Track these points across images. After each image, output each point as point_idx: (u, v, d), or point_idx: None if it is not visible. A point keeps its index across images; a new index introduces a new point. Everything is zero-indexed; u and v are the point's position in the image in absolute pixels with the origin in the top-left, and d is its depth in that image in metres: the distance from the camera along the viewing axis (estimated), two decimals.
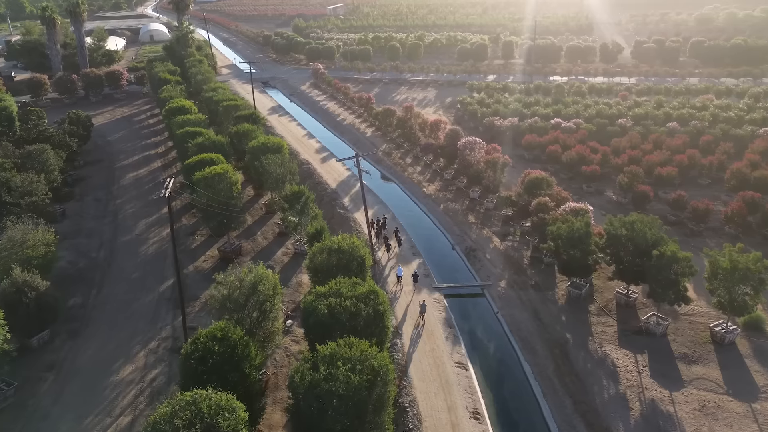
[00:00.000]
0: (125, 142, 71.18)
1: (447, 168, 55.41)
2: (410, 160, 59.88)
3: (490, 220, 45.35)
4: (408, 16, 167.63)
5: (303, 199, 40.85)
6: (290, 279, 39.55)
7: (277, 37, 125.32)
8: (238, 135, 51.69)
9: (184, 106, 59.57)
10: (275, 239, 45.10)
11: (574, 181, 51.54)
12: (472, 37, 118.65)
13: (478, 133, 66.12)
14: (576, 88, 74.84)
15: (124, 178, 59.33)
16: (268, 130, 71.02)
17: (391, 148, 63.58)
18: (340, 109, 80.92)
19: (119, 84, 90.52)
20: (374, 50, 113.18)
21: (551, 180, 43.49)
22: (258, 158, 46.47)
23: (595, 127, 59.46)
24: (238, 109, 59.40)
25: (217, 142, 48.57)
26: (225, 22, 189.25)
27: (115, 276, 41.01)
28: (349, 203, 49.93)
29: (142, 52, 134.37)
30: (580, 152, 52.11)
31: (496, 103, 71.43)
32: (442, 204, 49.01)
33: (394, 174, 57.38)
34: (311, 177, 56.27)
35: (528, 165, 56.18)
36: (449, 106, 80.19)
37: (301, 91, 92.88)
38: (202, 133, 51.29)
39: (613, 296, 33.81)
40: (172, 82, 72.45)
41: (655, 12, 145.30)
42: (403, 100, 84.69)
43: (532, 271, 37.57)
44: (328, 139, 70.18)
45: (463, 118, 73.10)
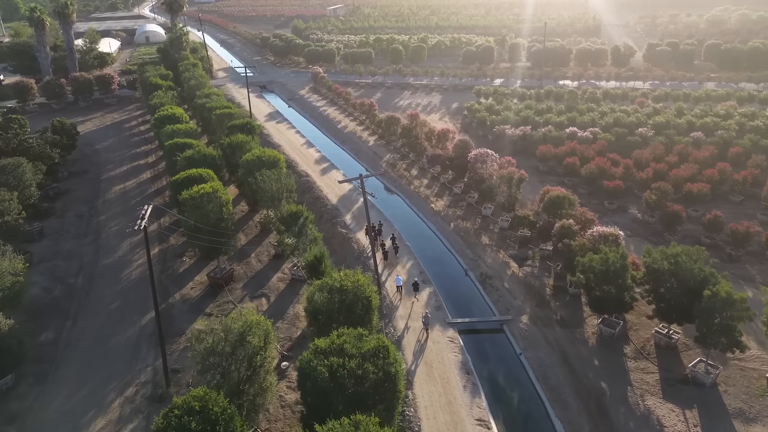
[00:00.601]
0: (114, 150, 67.29)
1: (456, 181, 51.54)
2: (416, 171, 55.98)
3: (506, 242, 41.43)
4: (410, 17, 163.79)
5: (301, 221, 37.01)
6: (286, 310, 35.66)
7: (276, 39, 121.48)
8: (232, 147, 47.79)
9: (174, 115, 55.67)
10: (270, 262, 41.22)
11: (594, 196, 47.66)
12: (477, 39, 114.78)
13: (487, 142, 62.38)
14: (590, 94, 70.96)
15: (110, 191, 55.43)
16: (265, 138, 67.16)
17: (395, 158, 59.69)
18: (341, 115, 77.04)
19: (110, 88, 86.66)
20: (376, 53, 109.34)
21: (573, 198, 39.60)
22: (252, 174, 42.55)
23: (613, 137, 55.59)
24: (232, 117, 55.50)
25: (208, 156, 44.68)
26: (222, 23, 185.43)
27: (92, 306, 37.08)
28: (352, 221, 46.02)
29: (137, 54, 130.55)
30: (601, 165, 48.25)
31: (506, 110, 67.53)
32: (452, 222, 45.10)
33: (399, 187, 53.48)
34: (310, 191, 52.37)
35: (542, 177, 52.42)
36: (455, 112, 76.31)
37: (300, 96, 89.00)
38: (192, 145, 47.41)
39: (651, 336, 29.91)
40: (164, 88, 68.56)
41: (663, 13, 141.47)
42: (406, 105, 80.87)
43: (557, 304, 33.66)
44: (329, 148, 66.29)
45: (470, 125, 69.23)
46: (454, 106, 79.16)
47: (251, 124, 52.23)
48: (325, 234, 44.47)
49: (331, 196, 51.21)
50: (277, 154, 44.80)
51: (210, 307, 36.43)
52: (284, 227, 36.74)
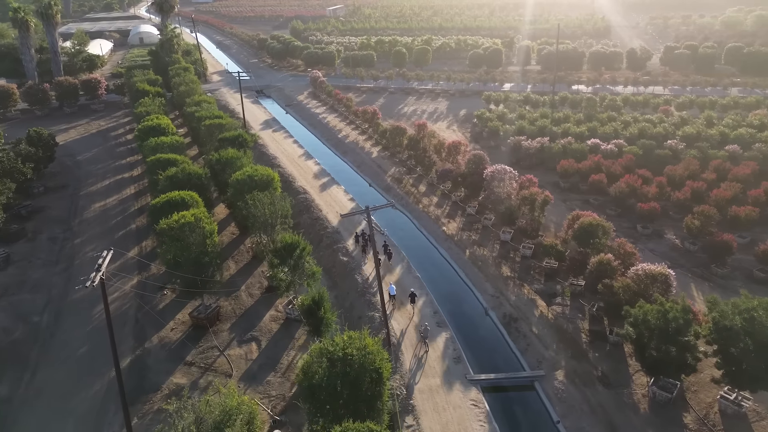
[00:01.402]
0: (96, 162, 62.33)
1: (469, 200, 46.66)
2: (424, 187, 51.08)
3: (530, 274, 36.54)
4: (412, 18, 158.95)
5: (297, 253, 32.16)
6: (279, 358, 30.77)
7: (273, 41, 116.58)
8: (221, 163, 42.90)
9: (159, 126, 50.76)
10: (263, 296, 36.34)
11: (624, 218, 42.79)
12: (483, 41, 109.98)
13: (499, 154, 57.55)
14: (609, 101, 66.05)
15: (90, 209, 50.49)
16: (260, 149, 62.27)
17: (401, 172, 54.79)
18: (342, 123, 72.13)
19: (96, 93, 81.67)
20: (378, 55, 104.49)
21: (608, 226, 34.71)
22: (242, 195, 37.68)
23: (641, 151, 50.72)
24: (222, 129, 50.58)
25: (193, 175, 39.77)
26: (219, 24, 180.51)
27: (57, 351, 32.20)
28: (355, 248, 41.08)
29: (129, 57, 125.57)
30: (631, 184, 43.37)
31: (520, 118, 62.70)
32: (467, 249, 40.19)
33: (407, 206, 48.57)
34: (308, 210, 47.45)
35: (564, 195, 47.58)
36: (464, 120, 71.43)
37: (298, 102, 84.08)
38: (176, 161, 42.52)
39: (715, 401, 25.05)
40: (151, 94, 63.63)
41: (674, 14, 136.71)
42: (411, 112, 76.04)
43: (596, 355, 28.77)
44: (329, 159, 61.37)
45: (481, 135, 64.35)
46: (462, 113, 74.31)
47: (243, 136, 47.33)
48: (324, 263, 39.70)
49: (331, 216, 46.31)
50: (270, 173, 39.89)
51: (192, 354, 31.55)
52: (278, 260, 31.89)
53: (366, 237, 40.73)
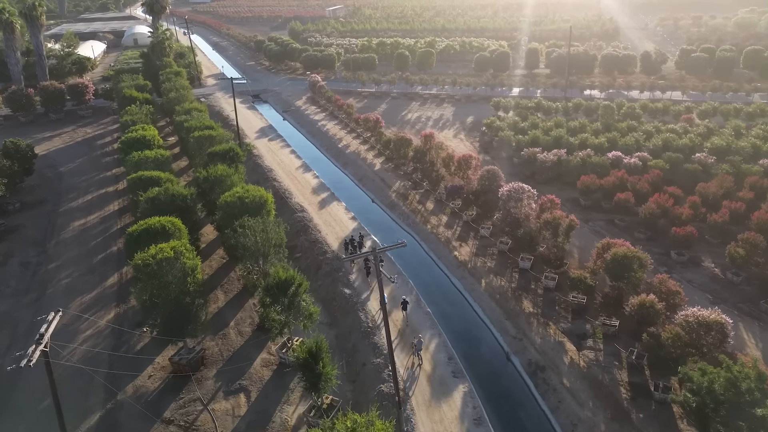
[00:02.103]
0: (80, 174, 58.26)
1: (482, 220, 42.59)
2: (432, 205, 47.00)
3: (554, 310, 32.46)
4: (414, 18, 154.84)
5: (292, 290, 28.13)
6: (272, 415, 26.71)
7: (271, 43, 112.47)
8: (209, 181, 38.79)
9: (144, 138, 46.65)
10: (254, 334, 32.30)
11: (655, 242, 38.69)
12: (489, 43, 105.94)
13: (512, 167, 53.55)
14: (627, 108, 61.94)
15: (68, 229, 46.43)
16: (254, 160, 58.18)
17: (406, 186, 50.70)
18: (342, 131, 68.02)
19: (83, 98, 77.52)
20: (379, 58, 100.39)
21: (644, 258, 30.66)
22: (231, 220, 33.61)
23: (668, 165, 46.67)
24: (213, 141, 46.47)
25: (178, 196, 35.65)
26: (216, 25, 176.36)
27: (12, 413, 28.00)
28: (358, 277, 36.97)
29: (122, 58, 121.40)
30: (662, 204, 39.32)
31: (533, 127, 58.62)
32: (483, 279, 36.10)
33: (413, 226, 44.48)
34: (306, 231, 43.33)
35: (585, 214, 43.52)
36: (471, 128, 67.36)
37: (297, 108, 79.98)
38: (159, 180, 38.43)
39: None
40: (139, 101, 59.51)
41: (684, 15, 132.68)
42: (415, 119, 71.98)
43: (640, 416, 24.69)
44: (328, 172, 57.27)
45: (490, 144, 60.32)
46: (470, 121, 70.23)
47: (235, 150, 43.22)
48: (323, 294, 35.64)
49: (331, 238, 42.22)
50: (263, 194, 35.77)
51: (171, 408, 27.48)
52: (270, 300, 27.82)
53: (355, 244, 38.87)
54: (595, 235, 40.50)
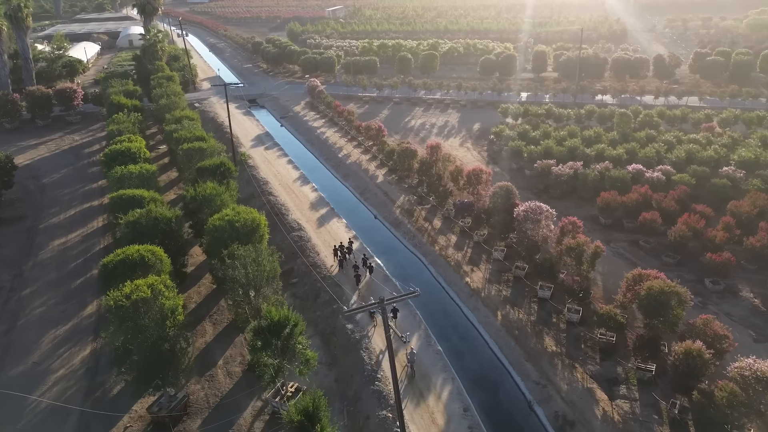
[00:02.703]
0: (64, 186, 54.90)
1: (495, 241, 39.20)
2: (439, 223, 43.58)
3: (580, 348, 29.08)
4: (415, 19, 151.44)
5: (286, 332, 24.74)
6: None
7: (269, 45, 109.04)
8: (197, 200, 35.38)
9: (129, 150, 43.20)
10: (244, 378, 28.89)
11: (685, 267, 35.30)
12: (494, 45, 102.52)
13: (523, 179, 50.26)
14: (645, 116, 58.51)
15: (47, 248, 43.06)
16: (249, 171, 54.75)
17: (411, 201, 47.30)
18: (343, 139, 64.59)
19: (72, 104, 74.09)
20: (381, 60, 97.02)
21: (683, 293, 27.26)
22: (220, 247, 30.21)
23: (694, 180, 43.30)
24: (203, 154, 43.04)
25: (161, 220, 32.23)
26: (213, 26, 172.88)
27: None
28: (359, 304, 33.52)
29: (116, 60, 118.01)
30: (693, 225, 35.94)
31: (545, 137, 55.27)
32: (499, 310, 32.69)
33: (420, 246, 41.05)
34: (303, 253, 39.88)
35: (606, 234, 40.12)
36: (478, 135, 63.99)
37: (295, 114, 76.56)
38: (143, 199, 35.01)
39: None
40: (126, 109, 56.05)
41: (692, 16, 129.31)
42: (419, 126, 68.60)
43: None
44: (328, 184, 53.89)
45: (499, 154, 56.96)
46: (476, 128, 66.86)
47: (226, 165, 39.76)
48: (321, 327, 32.27)
49: (331, 260, 38.77)
50: (255, 217, 32.34)
51: None
52: (261, 343, 24.43)
53: (344, 251, 37.90)
54: (619, 258, 37.15)
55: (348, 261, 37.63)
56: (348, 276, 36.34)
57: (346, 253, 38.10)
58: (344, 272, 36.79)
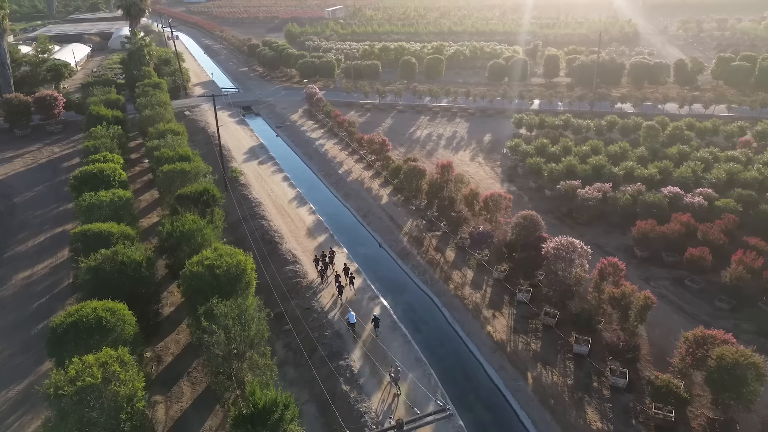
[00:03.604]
0: (36, 206, 49.88)
1: (517, 278, 34.19)
2: (453, 254, 38.56)
3: (632, 425, 24.06)
4: (418, 20, 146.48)
5: (275, 417, 19.79)
6: None
7: (265, 48, 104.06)
8: (174, 237, 30.38)
9: (102, 172, 38.19)
10: None
11: (742, 315, 30.34)
12: (502, 48, 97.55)
13: (544, 201, 45.38)
14: (674, 129, 53.50)
15: (9, 283, 38.03)
16: (240, 191, 49.73)
17: (420, 227, 42.28)
18: (343, 153, 59.55)
19: (52, 112, 69.05)
20: (382, 64, 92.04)
21: (760, 364, 22.27)
22: (198, 299, 25.23)
23: (739, 205, 38.34)
24: (185, 178, 37.98)
25: (129, 264, 27.19)
26: (209, 26, 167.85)
27: None
28: (364, 365, 28.52)
29: (107, 63, 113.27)
30: (751, 266, 30.98)
31: (565, 152, 50.34)
32: (529, 370, 27.69)
33: (432, 284, 36.00)
34: (298, 293, 34.80)
35: (644, 270, 35.19)
36: (490, 148, 59.03)
37: (292, 122, 71.54)
38: (111, 237, 29.98)
39: None
40: (105, 122, 51.00)
41: (706, 17, 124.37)
42: (425, 137, 63.63)
43: None
44: (327, 205, 48.94)
45: (515, 171, 52.07)
46: (487, 140, 61.91)
47: (211, 192, 34.69)
48: (317, 392, 27.28)
49: (331, 303, 33.77)
50: (241, 260, 27.27)
51: None
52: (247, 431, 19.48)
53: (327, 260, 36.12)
54: (663, 301, 32.14)
55: (329, 271, 36.14)
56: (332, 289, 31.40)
57: (328, 263, 36.39)
58: (326, 284, 35.37)
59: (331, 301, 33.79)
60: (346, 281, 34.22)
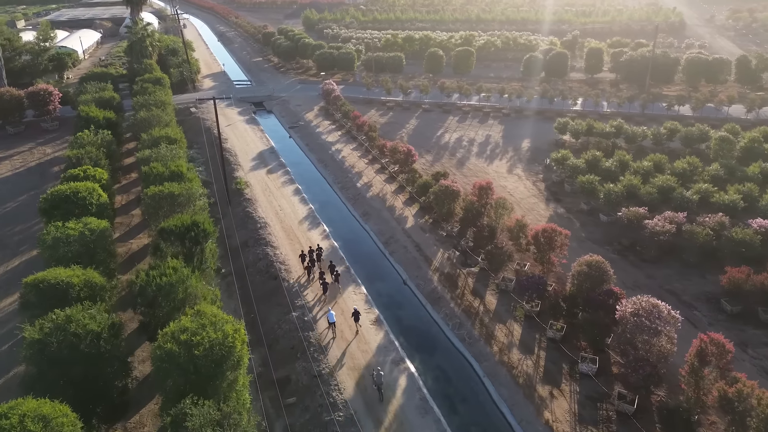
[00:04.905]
0: (15, 221, 44.22)
1: (578, 342, 27.34)
2: (494, 299, 31.78)
3: None
4: (443, 7, 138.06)
5: None
6: None
7: (281, 37, 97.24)
8: (147, 292, 24.01)
9: (77, 193, 31.99)
10: None
11: None
12: (536, 39, 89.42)
13: (599, 228, 38.47)
14: (750, 141, 45.62)
15: None
16: (244, 207, 43.38)
17: (452, 260, 35.50)
18: (363, 161, 52.80)
19: (47, 108, 63.30)
20: (406, 55, 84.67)
21: None
22: (167, 393, 18.95)
23: None
24: (174, 203, 31.58)
25: (84, 336, 20.90)
26: (225, 12, 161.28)
27: None
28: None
29: (116, 51, 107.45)
30: None
31: (622, 167, 43.06)
32: None
33: (470, 343, 29.14)
34: (304, 355, 28.39)
35: (737, 331, 28.19)
36: (530, 158, 51.87)
37: (306, 122, 64.90)
38: (69, 290, 23.78)
39: None
40: (94, 126, 44.89)
41: (758, 5, 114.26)
42: (454, 142, 56.63)
43: None
44: (343, 225, 42.45)
45: (561, 188, 45.02)
46: (525, 147, 54.68)
47: (201, 227, 28.21)
48: None
49: (347, 369, 27.26)
50: (228, 333, 20.82)
51: None
52: None
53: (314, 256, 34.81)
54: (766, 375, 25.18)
55: (316, 268, 34.55)
56: (355, 352, 25.04)
57: (315, 259, 34.91)
58: (312, 281, 33.91)
59: (348, 367, 27.32)
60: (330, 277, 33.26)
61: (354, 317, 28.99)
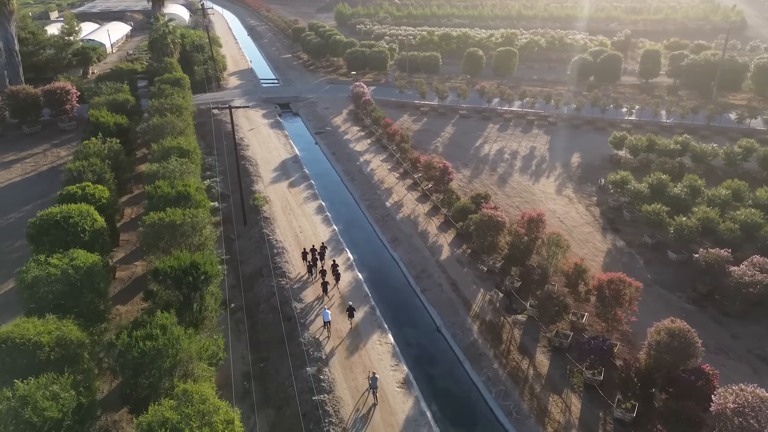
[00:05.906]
0: (16, 236, 40.79)
1: (655, 428, 22.07)
2: (546, 359, 26.69)
3: None
4: (481, 2, 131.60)
5: None
6: None
7: (311, 33, 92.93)
8: (127, 359, 19.78)
9: (68, 218, 28.07)
10: None
11: None
12: (585, 39, 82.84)
13: (668, 269, 33.08)
14: None
15: None
16: (261, 228, 39.07)
17: (495, 303, 30.48)
18: (393, 174, 48.00)
19: (64, 108, 60.27)
20: (443, 55, 79.26)
21: None
22: None
23: None
24: (175, 234, 27.34)
25: (47, 421, 16.76)
26: (256, 5, 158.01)
27: None
28: None
29: (144, 45, 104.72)
30: None
31: (693, 194, 37.18)
32: None
33: (519, 420, 24.01)
34: (318, 426, 23.88)
35: None
36: (581, 176, 46.30)
37: (334, 128, 60.39)
38: (40, 349, 19.77)
39: None
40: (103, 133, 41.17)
41: None
42: (495, 154, 51.38)
43: None
44: (369, 252, 37.83)
45: (619, 214, 39.46)
46: (575, 162, 49.09)
47: (202, 270, 23.77)
48: None
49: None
50: (227, 417, 16.41)
51: None
52: None
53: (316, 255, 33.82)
54: None
55: (318, 266, 33.24)
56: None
57: (317, 258, 33.90)
58: (312, 280, 32.86)
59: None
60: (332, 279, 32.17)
61: (348, 313, 28.59)
